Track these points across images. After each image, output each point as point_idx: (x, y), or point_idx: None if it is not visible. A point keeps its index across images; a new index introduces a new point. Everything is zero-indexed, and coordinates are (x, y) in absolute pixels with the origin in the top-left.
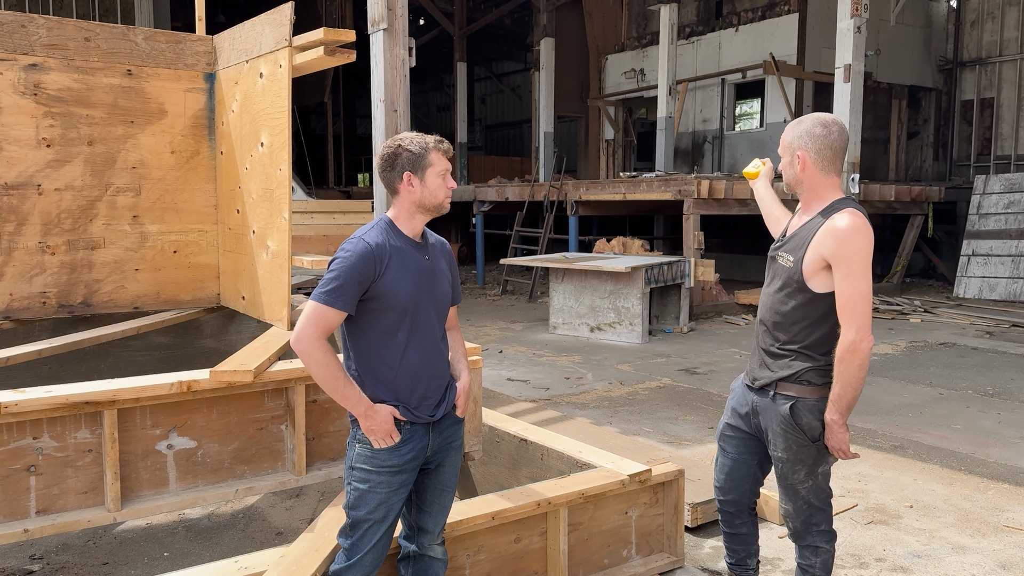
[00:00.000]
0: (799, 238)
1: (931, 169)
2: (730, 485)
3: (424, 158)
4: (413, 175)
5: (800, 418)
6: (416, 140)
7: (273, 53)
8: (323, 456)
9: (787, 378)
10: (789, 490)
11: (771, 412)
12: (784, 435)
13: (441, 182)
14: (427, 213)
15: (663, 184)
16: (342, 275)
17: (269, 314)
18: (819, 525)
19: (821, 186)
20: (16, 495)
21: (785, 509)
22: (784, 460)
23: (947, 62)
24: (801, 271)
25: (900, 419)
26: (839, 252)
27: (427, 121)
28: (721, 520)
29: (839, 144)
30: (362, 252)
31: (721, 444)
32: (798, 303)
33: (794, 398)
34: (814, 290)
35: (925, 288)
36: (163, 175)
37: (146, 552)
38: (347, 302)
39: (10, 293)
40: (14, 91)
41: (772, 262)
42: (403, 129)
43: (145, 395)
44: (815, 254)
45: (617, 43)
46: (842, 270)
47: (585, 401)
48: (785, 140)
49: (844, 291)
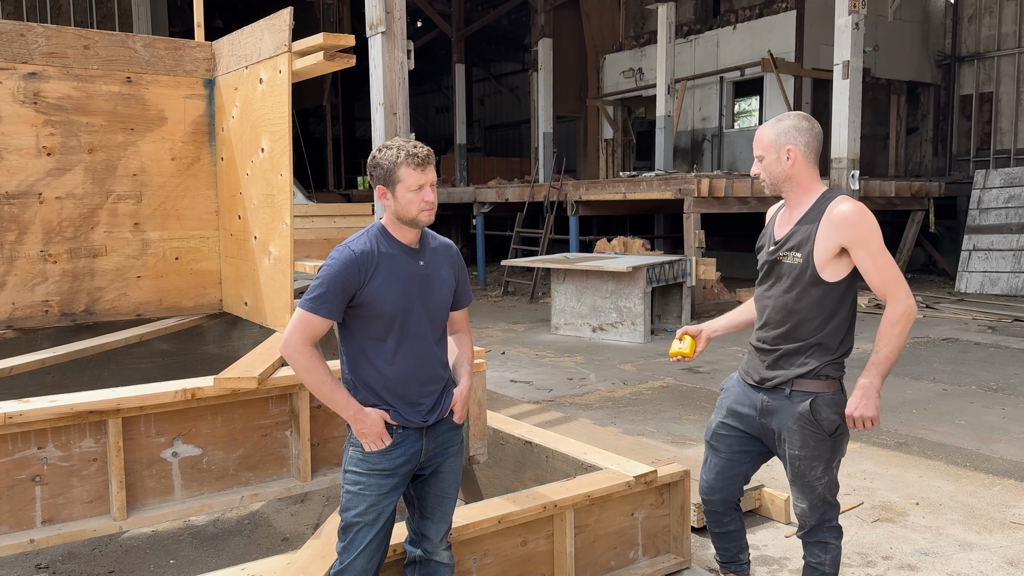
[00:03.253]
0: (801, 234)
1: (931, 164)
2: (720, 484)
3: (393, 173)
4: (386, 189)
5: (819, 413)
6: (388, 154)
7: (273, 58)
8: (328, 461)
9: (805, 375)
10: (806, 488)
11: (787, 410)
12: (802, 432)
13: (413, 196)
14: (406, 225)
15: (663, 183)
16: (325, 282)
17: (272, 320)
18: (831, 521)
19: (808, 179)
20: (22, 505)
21: (801, 508)
22: (801, 457)
23: (945, 57)
24: (814, 264)
25: (904, 416)
26: (857, 235)
27: (426, 123)
28: (709, 521)
29: (819, 137)
30: (346, 260)
31: (712, 443)
32: (814, 298)
33: (813, 394)
34: (828, 280)
35: (927, 283)
36: (164, 182)
37: (152, 560)
38: (330, 309)
39: (12, 302)
40: (14, 100)
41: (775, 265)
42: (402, 132)
43: (149, 403)
44: (827, 244)
45: (615, 43)
46: (866, 249)
47: (588, 402)
48: (765, 140)
49: (879, 266)
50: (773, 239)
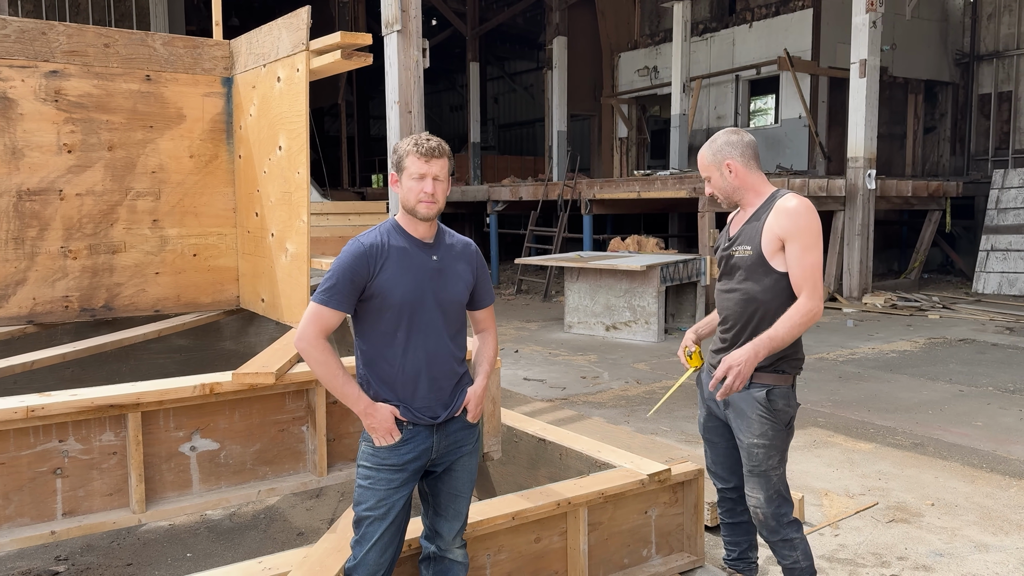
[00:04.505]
0: (751, 229)
1: (948, 164)
2: (727, 473)
3: (403, 160)
4: (397, 175)
5: (776, 403)
6: (406, 143)
7: (290, 57)
8: (343, 457)
9: (763, 368)
10: (762, 478)
11: (747, 400)
12: (760, 421)
13: (414, 185)
14: (411, 215)
15: (678, 182)
16: (335, 275)
17: (288, 316)
18: (787, 516)
19: (756, 182)
20: (43, 497)
21: (757, 499)
22: (759, 446)
23: (964, 56)
24: (762, 253)
25: (920, 416)
26: (793, 228)
27: (440, 121)
28: (722, 511)
29: (753, 144)
30: (355, 252)
31: (708, 437)
32: (765, 286)
33: (770, 386)
34: (778, 269)
35: (943, 284)
36: (182, 179)
37: (169, 553)
38: (340, 301)
39: (33, 297)
40: (35, 98)
41: (727, 260)
42: (417, 130)
43: (168, 398)
44: (770, 235)
45: (630, 41)
46: (798, 243)
47: (602, 400)
48: (706, 161)
49: (804, 262)
50: (727, 237)
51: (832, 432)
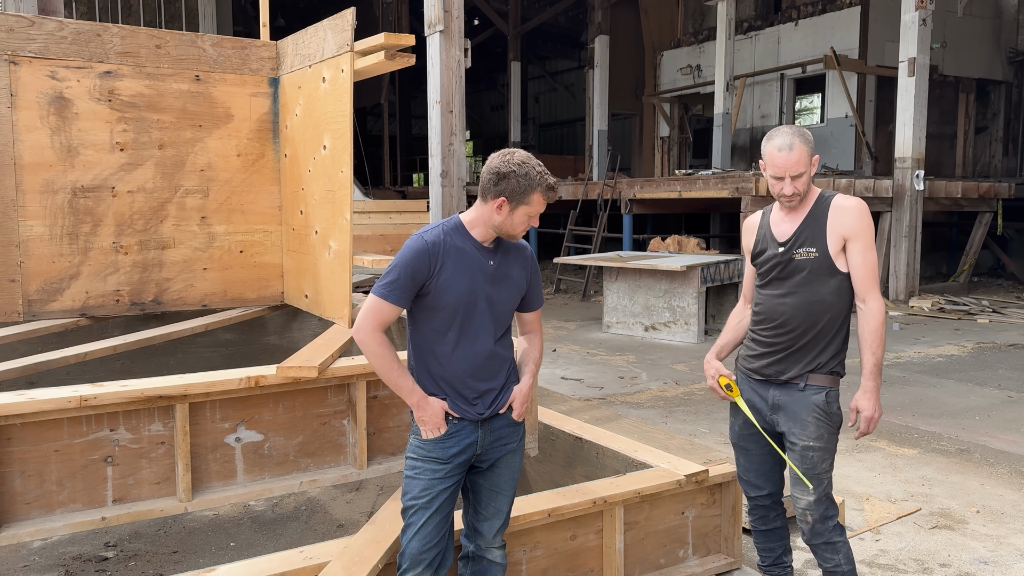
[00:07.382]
0: (812, 231)
1: (1000, 165)
2: (763, 480)
3: (527, 195)
4: (507, 203)
5: (832, 406)
6: (529, 174)
7: (335, 58)
8: (383, 451)
9: (818, 368)
10: (815, 481)
11: (803, 403)
12: (817, 423)
13: (526, 220)
14: (497, 233)
15: (720, 181)
16: (397, 270)
17: (331, 312)
18: (833, 519)
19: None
20: (94, 484)
21: (806, 502)
22: (816, 448)
23: (1018, 54)
24: (829, 254)
25: (966, 422)
26: (857, 227)
27: (480, 121)
28: (755, 519)
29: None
30: (417, 249)
31: (743, 445)
32: (832, 288)
33: (826, 388)
34: (842, 270)
35: (994, 288)
36: (230, 177)
37: (213, 542)
38: (399, 296)
39: (86, 291)
40: (90, 98)
41: (786, 264)
42: (458, 130)
43: (215, 390)
44: (835, 235)
45: (673, 39)
46: (861, 242)
47: (640, 401)
48: (804, 155)
49: (868, 261)
50: (776, 241)
51: (875, 436)
